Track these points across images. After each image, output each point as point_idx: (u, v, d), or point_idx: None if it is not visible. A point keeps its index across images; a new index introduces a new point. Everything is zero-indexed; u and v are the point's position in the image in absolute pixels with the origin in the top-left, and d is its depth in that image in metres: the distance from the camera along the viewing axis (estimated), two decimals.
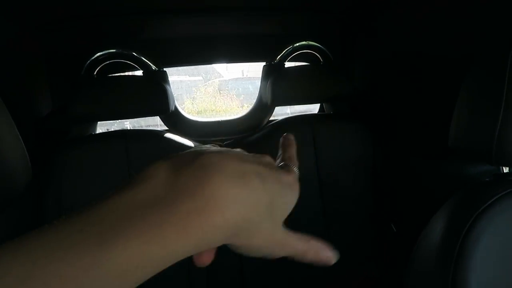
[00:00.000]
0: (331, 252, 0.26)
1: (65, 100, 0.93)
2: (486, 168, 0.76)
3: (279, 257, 0.25)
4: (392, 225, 1.00)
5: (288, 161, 0.30)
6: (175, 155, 0.23)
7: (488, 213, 0.50)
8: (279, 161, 0.30)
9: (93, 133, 1.26)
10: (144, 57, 1.17)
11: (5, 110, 0.53)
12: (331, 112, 1.40)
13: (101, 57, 1.15)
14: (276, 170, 0.25)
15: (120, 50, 1.15)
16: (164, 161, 0.22)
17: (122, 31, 1.07)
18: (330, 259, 0.26)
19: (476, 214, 0.50)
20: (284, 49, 1.26)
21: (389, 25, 0.99)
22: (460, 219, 0.52)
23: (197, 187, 0.19)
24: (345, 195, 1.05)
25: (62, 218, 0.18)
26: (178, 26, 1.10)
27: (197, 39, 1.20)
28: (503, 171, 0.74)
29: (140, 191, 0.19)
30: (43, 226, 0.17)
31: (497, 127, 0.51)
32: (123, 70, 1.26)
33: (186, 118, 1.30)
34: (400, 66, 0.99)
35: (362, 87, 1.19)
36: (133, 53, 1.16)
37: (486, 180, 0.60)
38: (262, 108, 1.31)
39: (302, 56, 1.34)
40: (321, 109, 1.49)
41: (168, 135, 0.96)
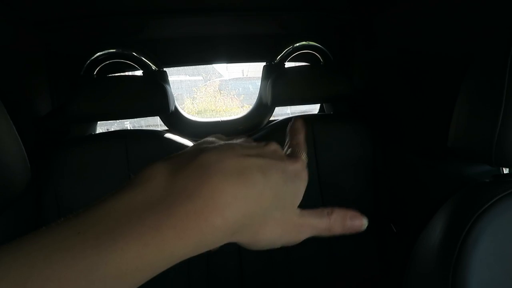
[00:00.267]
0: (359, 219, 0.25)
1: (65, 100, 0.93)
2: (486, 169, 0.76)
3: (302, 240, 0.24)
4: (392, 226, 1.00)
5: (296, 147, 0.29)
6: (173, 156, 0.23)
7: (488, 214, 0.50)
8: (286, 148, 0.30)
9: (93, 133, 1.26)
10: (144, 57, 1.17)
11: (4, 111, 0.53)
12: (331, 112, 1.40)
13: (101, 57, 1.15)
14: (281, 160, 0.24)
15: (120, 50, 1.15)
16: (162, 162, 0.22)
17: (122, 31, 1.07)
18: (359, 226, 0.25)
19: (476, 215, 0.50)
20: (284, 49, 1.26)
21: (389, 25, 0.99)
22: (460, 220, 0.52)
23: (195, 188, 0.19)
24: (345, 195, 1.05)
25: (59, 220, 0.17)
26: (178, 26, 1.10)
27: (197, 39, 1.20)
28: (503, 172, 0.74)
29: (138, 193, 0.19)
30: (41, 229, 0.17)
31: (497, 128, 0.51)
32: (123, 70, 1.26)
33: (186, 118, 1.30)
34: (400, 66, 0.99)
35: (362, 87, 1.19)
36: (133, 53, 1.16)
37: (486, 181, 0.60)
38: (262, 108, 1.31)
39: (302, 56, 1.34)
40: (321, 109, 1.49)
41: (168, 135, 0.96)
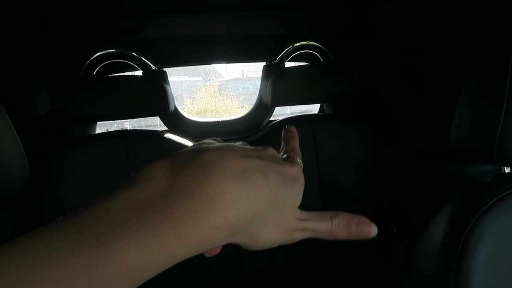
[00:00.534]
0: (367, 226, 0.25)
1: (65, 100, 0.93)
2: (487, 168, 0.75)
3: (299, 239, 0.24)
4: (392, 226, 1.00)
5: (291, 153, 0.29)
6: (174, 154, 0.22)
7: (490, 213, 0.50)
8: (282, 154, 0.30)
9: (92, 133, 1.26)
10: (143, 57, 1.17)
11: (3, 111, 0.53)
12: (331, 112, 1.40)
13: (100, 57, 1.15)
14: (279, 163, 0.25)
15: (119, 50, 1.15)
16: (162, 160, 0.21)
17: (121, 31, 1.07)
18: (367, 234, 0.25)
19: (477, 215, 0.50)
20: (284, 49, 1.26)
21: (389, 24, 0.98)
22: (461, 220, 0.52)
23: (196, 187, 0.19)
24: (345, 195, 1.05)
25: (58, 219, 0.17)
26: (178, 26, 1.09)
27: (197, 39, 1.20)
28: (505, 171, 0.74)
29: (138, 192, 0.19)
30: (40, 228, 0.17)
31: (499, 127, 0.51)
32: (122, 70, 1.26)
33: (186, 118, 1.30)
34: (401, 66, 0.99)
35: (362, 87, 1.19)
36: (133, 53, 1.16)
37: (488, 180, 0.59)
38: (262, 108, 1.31)
39: (302, 56, 1.34)
40: (321, 109, 1.49)
41: (168, 135, 0.96)
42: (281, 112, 1.86)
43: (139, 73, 1.23)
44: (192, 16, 0.99)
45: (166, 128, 1.28)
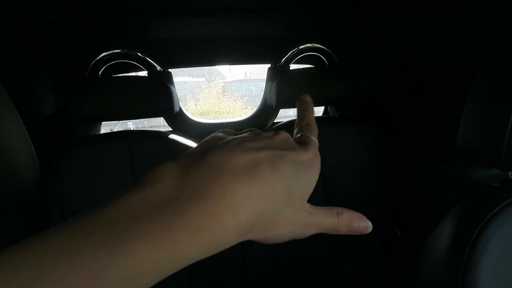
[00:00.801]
0: (365, 222, 0.26)
1: (70, 100, 0.94)
2: (493, 173, 0.75)
3: (309, 235, 0.24)
4: (397, 229, 0.99)
5: (306, 130, 0.28)
6: (181, 155, 0.22)
7: (497, 219, 0.49)
8: (296, 131, 0.29)
9: (97, 134, 1.26)
10: (148, 57, 1.18)
11: (15, 112, 0.54)
12: (336, 115, 1.39)
13: (106, 57, 1.15)
14: (291, 149, 0.24)
15: (125, 51, 1.15)
16: (171, 162, 0.21)
17: (127, 31, 1.07)
18: (364, 229, 0.26)
19: (485, 220, 0.50)
20: (289, 52, 1.26)
21: (394, 27, 0.98)
22: (468, 225, 0.51)
23: (206, 188, 0.19)
24: (349, 198, 1.04)
25: (69, 221, 0.17)
26: (183, 27, 1.10)
27: (202, 40, 1.20)
28: (511, 177, 0.73)
29: (148, 193, 0.19)
30: (50, 229, 0.16)
31: (507, 131, 0.50)
32: (127, 71, 1.26)
33: (190, 119, 1.30)
34: (406, 68, 0.98)
35: (367, 90, 1.18)
36: (138, 54, 1.16)
37: (494, 185, 0.59)
38: (266, 110, 1.31)
39: (307, 59, 1.34)
40: (325, 111, 1.49)
41: (172, 136, 0.96)
42: (285, 114, 1.86)
43: (144, 73, 1.23)
44: (197, 17, 0.99)
45: (170, 129, 1.28)
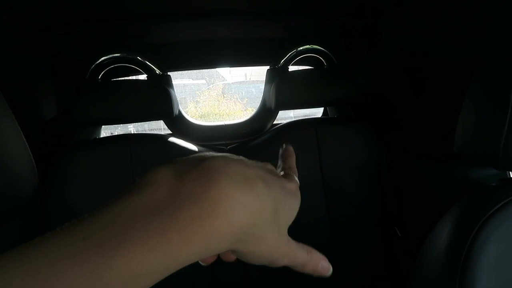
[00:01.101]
0: (328, 264, 0.26)
1: (70, 104, 0.94)
2: (492, 173, 0.75)
3: (280, 266, 0.24)
4: (397, 229, 0.99)
5: (288, 171, 0.30)
6: (178, 160, 0.23)
7: (495, 218, 0.50)
8: (279, 171, 0.30)
9: (97, 137, 1.27)
10: (148, 61, 1.18)
11: (12, 117, 0.54)
12: (335, 116, 1.40)
13: (105, 61, 1.16)
14: (278, 177, 0.25)
15: (124, 54, 1.16)
16: (166, 166, 0.21)
17: (126, 35, 1.08)
18: (327, 271, 0.26)
19: (483, 220, 0.50)
20: (288, 53, 1.26)
21: (393, 28, 0.98)
22: (466, 225, 0.51)
23: (201, 193, 0.19)
24: (349, 198, 1.04)
25: (64, 226, 0.17)
26: (182, 31, 1.10)
27: (201, 43, 1.21)
28: (510, 176, 0.73)
29: (142, 197, 0.19)
30: (46, 234, 0.17)
31: (504, 131, 0.50)
32: (127, 74, 1.27)
33: (190, 122, 1.30)
34: (405, 69, 0.99)
35: (366, 91, 1.19)
36: (138, 57, 1.17)
37: (493, 185, 0.59)
38: (265, 112, 1.32)
39: (306, 60, 1.34)
40: (324, 112, 1.49)
41: (172, 139, 0.96)
42: (285, 116, 1.86)
43: (143, 77, 1.24)
44: (196, 20, 1.00)
45: (170, 132, 1.28)
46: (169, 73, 1.22)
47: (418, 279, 0.59)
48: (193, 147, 0.98)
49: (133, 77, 1.30)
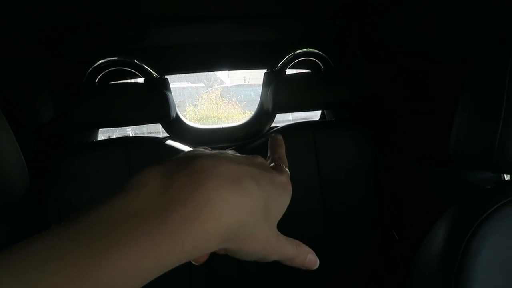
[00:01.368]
0: (315, 257, 0.27)
1: (67, 107, 0.94)
2: (487, 175, 0.75)
3: (271, 261, 0.25)
4: (394, 232, 0.99)
5: (278, 161, 0.30)
6: (167, 161, 0.22)
7: (490, 220, 0.50)
8: (269, 162, 0.30)
9: (94, 140, 1.27)
10: (145, 64, 1.18)
11: (3, 119, 0.54)
12: (332, 119, 1.40)
13: (103, 65, 1.16)
14: (269, 171, 0.25)
15: (122, 58, 1.16)
16: (155, 167, 0.21)
17: (124, 38, 1.08)
18: (315, 264, 0.26)
19: (477, 222, 0.50)
20: (285, 56, 1.27)
21: (389, 31, 0.99)
22: (461, 227, 0.52)
23: (190, 194, 0.19)
24: (346, 201, 1.04)
25: (52, 227, 0.17)
26: (180, 34, 1.10)
27: (199, 46, 1.21)
28: (504, 179, 0.73)
29: (131, 199, 0.19)
30: (32, 237, 0.16)
31: (498, 134, 0.51)
32: (124, 78, 1.27)
33: (187, 125, 1.30)
34: (401, 72, 0.99)
35: (363, 93, 1.19)
36: (135, 61, 1.17)
37: (488, 187, 0.59)
38: (263, 115, 1.32)
39: (303, 63, 1.35)
40: (322, 115, 1.49)
41: (169, 142, 0.96)
42: (283, 119, 1.86)
43: (141, 80, 1.24)
44: (194, 23, 1.00)
45: (168, 135, 1.28)
46: (167, 76, 1.22)
47: (414, 281, 0.59)
48: (190, 150, 0.97)
49: (130, 81, 1.30)
